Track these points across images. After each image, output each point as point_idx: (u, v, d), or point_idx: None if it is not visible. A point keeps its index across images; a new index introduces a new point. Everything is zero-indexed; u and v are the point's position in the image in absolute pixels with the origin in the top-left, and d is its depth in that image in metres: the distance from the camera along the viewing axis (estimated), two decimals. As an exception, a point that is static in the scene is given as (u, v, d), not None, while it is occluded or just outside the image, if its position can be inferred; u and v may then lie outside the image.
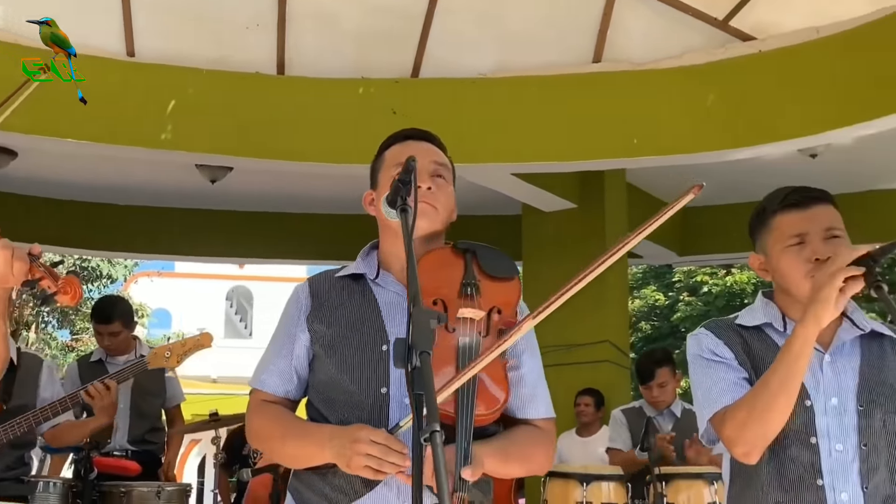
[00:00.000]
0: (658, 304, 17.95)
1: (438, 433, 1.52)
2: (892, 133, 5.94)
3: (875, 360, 2.11)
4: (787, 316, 2.15)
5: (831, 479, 2.03)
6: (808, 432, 2.05)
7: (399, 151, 2.10)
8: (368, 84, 6.28)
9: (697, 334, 2.21)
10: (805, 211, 2.11)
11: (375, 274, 2.10)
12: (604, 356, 7.40)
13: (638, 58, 6.19)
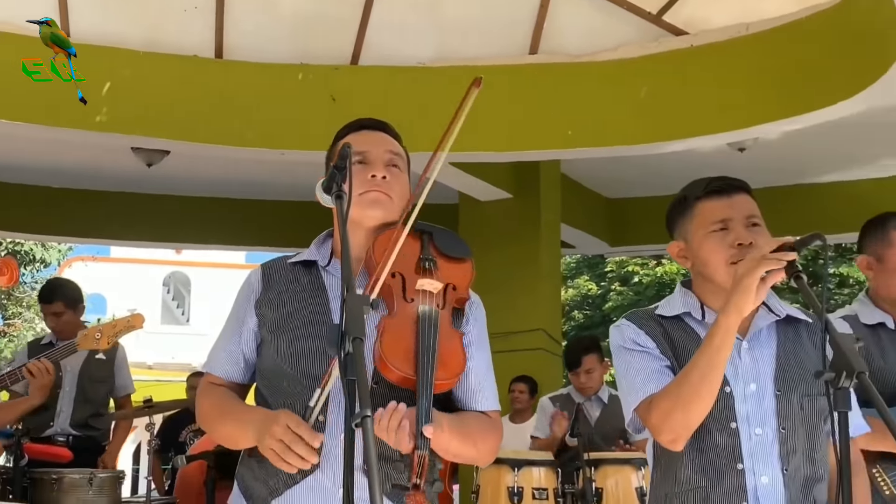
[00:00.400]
0: (590, 293, 18.14)
1: (369, 418, 1.51)
2: (817, 129, 6.06)
3: (791, 345, 2.13)
4: (705, 305, 2.16)
5: (751, 463, 2.04)
6: (729, 417, 2.06)
7: (352, 141, 2.06)
8: (307, 70, 6.21)
9: (619, 325, 2.22)
10: (728, 198, 2.12)
11: (327, 261, 2.09)
12: (537, 344, 7.45)
13: (574, 50, 6.21)
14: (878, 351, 2.64)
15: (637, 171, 7.88)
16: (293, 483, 1.94)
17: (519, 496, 4.92)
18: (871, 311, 2.70)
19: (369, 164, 2.06)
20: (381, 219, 2.04)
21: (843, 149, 7.51)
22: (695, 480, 2.07)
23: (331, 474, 1.92)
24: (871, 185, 8.21)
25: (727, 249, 2.07)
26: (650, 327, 2.16)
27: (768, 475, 2.04)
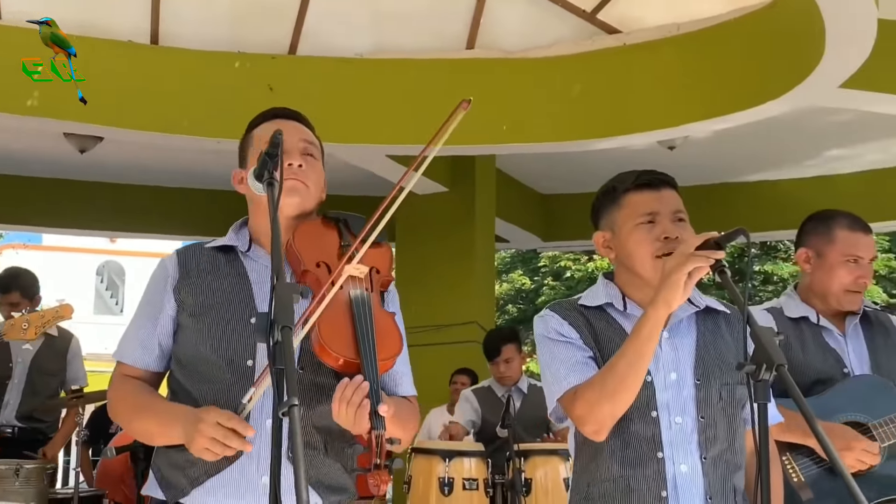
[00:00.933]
0: (524, 287, 18.25)
1: (296, 407, 1.48)
2: (744, 128, 6.18)
3: (710, 336, 2.14)
4: (626, 296, 2.17)
5: (671, 452, 2.05)
6: (649, 406, 2.06)
7: (268, 130, 2.03)
8: (245, 59, 6.11)
9: (544, 315, 2.21)
10: (657, 192, 2.13)
11: (247, 247, 2.06)
12: (471, 336, 7.46)
13: (510, 46, 6.22)
14: (799, 344, 2.67)
15: (570, 167, 7.93)
16: (215, 472, 1.90)
17: (450, 486, 4.92)
18: (796, 304, 2.74)
19: (285, 152, 2.00)
20: (299, 206, 2.01)
21: (768, 149, 7.66)
22: (616, 469, 2.07)
23: (255, 462, 1.89)
24: (794, 185, 8.40)
25: (653, 242, 2.07)
26: (573, 318, 2.16)
27: (687, 463, 2.04)
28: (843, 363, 2.64)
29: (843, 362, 2.64)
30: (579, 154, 6.65)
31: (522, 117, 6.14)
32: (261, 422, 1.90)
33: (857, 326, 2.72)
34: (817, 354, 2.65)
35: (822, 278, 2.71)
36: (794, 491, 2.55)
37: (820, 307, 2.71)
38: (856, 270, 2.67)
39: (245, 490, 1.90)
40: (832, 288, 2.68)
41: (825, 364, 2.64)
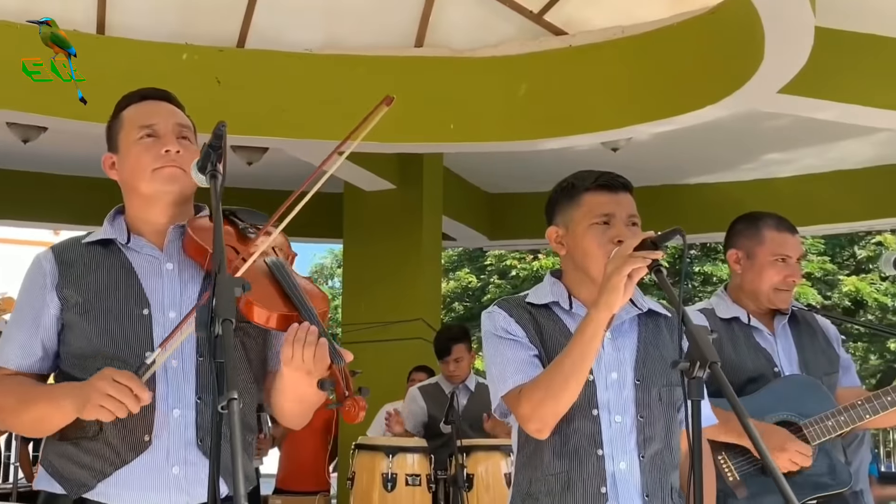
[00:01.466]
0: (471, 285, 18.29)
1: (235, 401, 1.47)
2: (685, 132, 6.25)
3: (651, 337, 2.17)
4: (573, 295, 2.18)
5: (611, 449, 2.07)
6: (591, 405, 2.09)
7: (138, 112, 2.00)
8: (192, 51, 6.01)
9: (491, 312, 2.21)
10: (615, 195, 2.14)
11: (126, 238, 1.99)
12: (417, 334, 7.45)
13: (458, 45, 6.21)
14: (731, 344, 2.71)
15: (516, 167, 7.96)
16: (122, 464, 1.85)
17: (393, 482, 4.91)
18: (727, 305, 2.78)
19: (160, 137, 1.97)
20: (179, 193, 1.96)
21: (708, 152, 7.77)
22: (556, 465, 2.09)
23: (164, 452, 1.85)
24: (733, 188, 8.53)
25: (606, 244, 2.08)
26: (520, 315, 2.16)
27: (626, 461, 2.07)
28: (774, 362, 2.69)
29: (774, 361, 2.69)
30: (525, 154, 6.67)
31: (469, 116, 6.14)
32: (167, 412, 1.85)
33: (786, 326, 2.77)
34: (749, 354, 2.69)
35: (752, 278, 2.75)
36: (730, 490, 2.60)
37: (751, 307, 2.76)
38: (784, 270, 2.72)
39: (155, 482, 1.85)
40: (762, 287, 2.73)
41: (757, 363, 2.68)
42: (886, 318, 15.80)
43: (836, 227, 9.09)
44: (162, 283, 1.94)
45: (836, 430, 2.59)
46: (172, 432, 1.86)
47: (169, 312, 1.92)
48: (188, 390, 1.88)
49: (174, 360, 1.88)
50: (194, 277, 1.96)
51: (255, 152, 6.78)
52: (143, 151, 1.95)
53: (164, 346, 1.84)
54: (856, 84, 5.52)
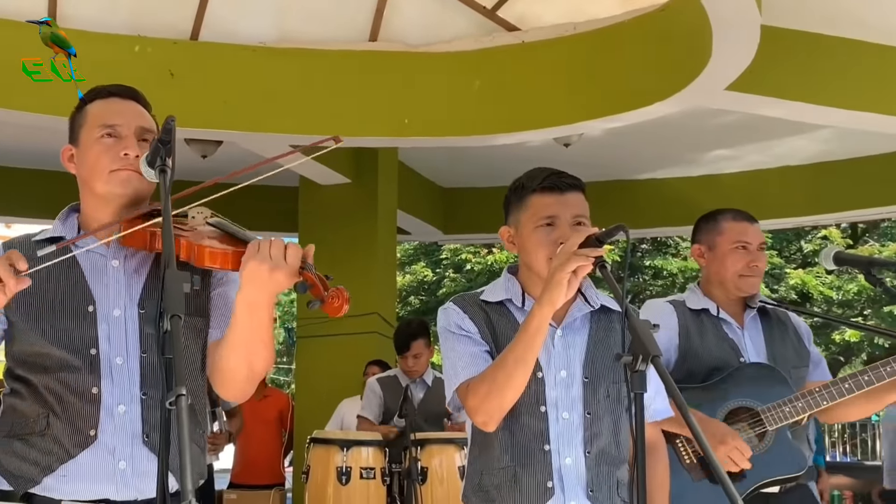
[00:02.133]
0: (426, 279, 18.29)
1: (184, 397, 1.45)
2: (635, 128, 6.31)
3: (602, 335, 2.20)
4: (526, 293, 2.20)
5: (557, 445, 2.11)
6: (539, 401, 2.12)
7: (103, 109, 1.95)
8: (146, 43, 5.92)
9: (446, 308, 2.23)
10: (560, 195, 2.15)
11: (75, 235, 1.96)
12: (372, 327, 7.45)
13: (412, 40, 6.20)
14: (699, 334, 2.77)
15: (470, 161, 7.98)
16: (67, 458, 1.84)
17: (347, 476, 4.91)
18: (698, 298, 2.84)
19: (122, 138, 1.93)
20: (132, 196, 1.93)
21: (658, 148, 7.85)
22: (505, 459, 2.12)
23: (110, 447, 1.84)
24: (682, 184, 8.63)
25: (550, 245, 2.10)
26: (474, 312, 2.19)
27: (572, 456, 2.11)
28: (740, 352, 2.75)
29: (740, 352, 2.75)
30: (479, 149, 6.69)
31: (424, 111, 6.13)
32: (112, 408, 1.85)
33: (756, 319, 2.84)
34: (715, 343, 2.76)
35: (717, 269, 2.83)
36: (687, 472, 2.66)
37: (721, 299, 2.83)
38: (746, 256, 2.79)
39: (101, 476, 1.84)
40: (727, 275, 2.80)
41: (722, 353, 2.74)
42: (832, 310, 16.11)
43: (782, 222, 9.24)
44: (107, 280, 1.92)
45: (793, 416, 2.65)
46: (118, 428, 1.85)
47: (114, 310, 1.90)
48: (133, 386, 1.87)
49: (118, 358, 1.87)
50: (140, 272, 1.94)
51: (210, 145, 6.71)
52: (103, 151, 1.92)
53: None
54: (800, 82, 5.61)
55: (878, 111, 5.80)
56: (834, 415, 2.82)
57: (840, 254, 2.78)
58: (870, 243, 16.47)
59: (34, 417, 1.85)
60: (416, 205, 8.64)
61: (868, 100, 5.75)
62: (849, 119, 5.99)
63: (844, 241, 15.75)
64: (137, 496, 1.85)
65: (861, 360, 15.69)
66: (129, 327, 1.89)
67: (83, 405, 1.84)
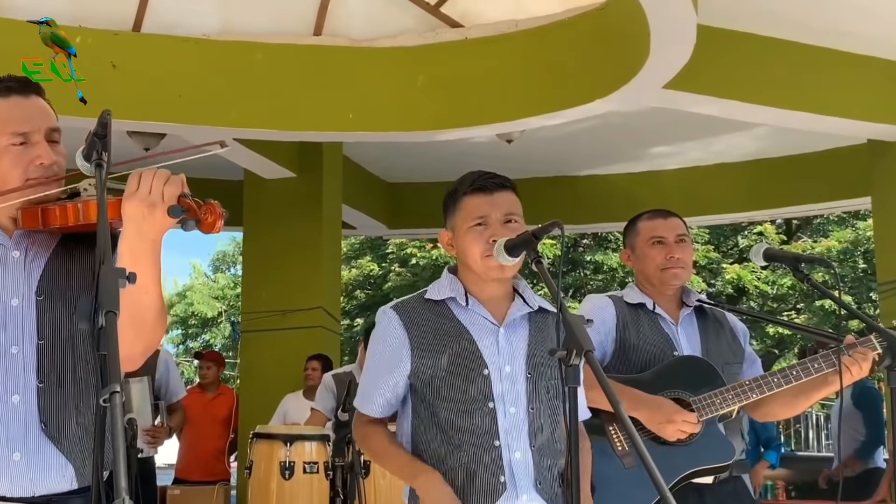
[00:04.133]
0: (372, 273, 18.24)
1: (118, 394, 1.42)
2: (576, 124, 6.37)
3: (540, 334, 2.25)
4: (469, 292, 2.25)
5: (507, 440, 2.16)
6: (486, 398, 2.17)
7: (7, 113, 1.85)
8: (86, 34, 5.80)
9: (384, 312, 2.29)
10: (490, 196, 2.21)
11: None
12: (317, 322, 7.41)
13: (356, 34, 6.17)
14: (635, 328, 2.82)
15: (414, 156, 7.97)
16: None
17: (290, 470, 4.89)
18: (635, 293, 2.90)
19: (34, 145, 1.85)
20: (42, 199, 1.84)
21: (600, 145, 7.92)
22: (457, 458, 2.16)
23: (3, 437, 1.77)
24: (624, 179, 8.72)
25: (483, 244, 2.17)
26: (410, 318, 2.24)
27: (520, 451, 2.16)
28: (674, 346, 2.80)
29: (674, 346, 2.81)
30: (423, 144, 6.68)
31: (368, 106, 6.11)
32: (6, 398, 1.79)
33: (692, 316, 2.90)
34: (650, 337, 2.81)
35: (641, 267, 2.90)
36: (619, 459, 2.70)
37: (655, 297, 2.88)
38: (663, 249, 2.85)
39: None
40: (649, 271, 2.87)
41: (657, 346, 2.80)
42: (766, 304, 16.45)
43: (719, 217, 9.39)
44: (6, 270, 1.86)
45: (723, 408, 2.70)
46: (12, 418, 1.79)
47: (11, 299, 1.84)
48: (29, 376, 1.81)
49: (14, 348, 1.81)
50: (39, 260, 1.88)
51: (152, 138, 6.61)
52: (16, 160, 1.83)
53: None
54: (735, 81, 5.71)
55: (808, 110, 5.95)
56: (764, 412, 2.88)
57: (769, 250, 2.85)
58: (803, 239, 16.84)
59: None
60: (361, 199, 8.61)
61: (798, 99, 5.89)
62: (781, 117, 6.12)
63: (779, 237, 16.07)
64: (34, 491, 1.78)
65: (794, 354, 16.05)
66: (25, 315, 1.83)
67: None
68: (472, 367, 2.17)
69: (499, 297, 2.25)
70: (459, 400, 2.16)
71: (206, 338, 23.92)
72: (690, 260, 2.92)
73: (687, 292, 2.92)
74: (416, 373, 2.20)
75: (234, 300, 22.11)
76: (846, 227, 16.01)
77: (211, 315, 23.63)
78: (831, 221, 16.41)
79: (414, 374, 2.21)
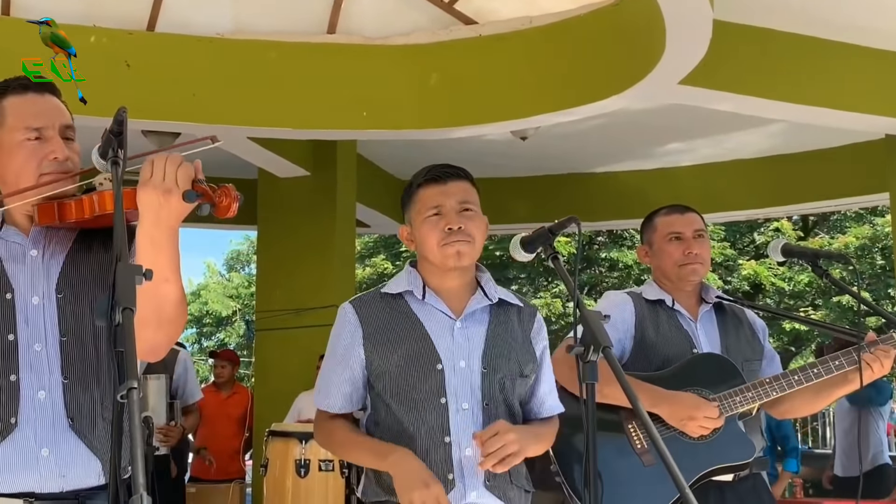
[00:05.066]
0: (386, 272, 18.28)
1: (136, 391, 1.43)
2: (590, 121, 6.35)
3: (500, 328, 2.24)
4: (427, 285, 2.24)
5: (457, 436, 2.13)
6: (439, 393, 2.15)
7: (22, 108, 1.89)
8: (101, 33, 5.82)
9: (343, 308, 2.29)
10: (444, 185, 2.22)
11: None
12: (331, 320, 7.37)
13: (370, 32, 6.16)
14: (654, 325, 2.81)
15: (428, 154, 7.89)
16: None
17: (306, 468, 4.90)
18: (653, 290, 2.89)
19: (48, 140, 1.89)
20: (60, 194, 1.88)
21: (614, 142, 7.89)
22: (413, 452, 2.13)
23: (31, 433, 1.80)
24: (638, 177, 8.69)
25: (439, 233, 2.17)
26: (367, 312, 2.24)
27: (471, 447, 2.12)
28: (694, 344, 2.79)
29: (694, 343, 2.79)
30: (437, 142, 6.67)
31: (381, 104, 6.10)
32: (32, 395, 1.82)
33: (711, 313, 2.88)
34: (669, 334, 2.79)
35: (658, 264, 2.89)
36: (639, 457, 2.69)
37: (674, 293, 2.87)
38: (680, 245, 2.84)
39: (23, 464, 1.80)
40: (667, 267, 2.86)
41: (676, 343, 2.78)
42: (783, 301, 16.36)
43: (734, 214, 9.35)
44: (25, 268, 1.89)
45: (744, 406, 2.68)
46: (39, 414, 1.82)
47: (32, 297, 1.87)
48: (53, 372, 1.84)
49: (37, 345, 1.84)
50: (57, 257, 1.91)
51: (167, 137, 6.63)
52: (30, 155, 1.87)
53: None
54: (752, 76, 5.67)
55: (825, 105, 5.90)
56: (783, 409, 2.87)
57: (787, 246, 2.83)
58: (820, 235, 16.75)
59: None
60: (375, 197, 8.61)
61: (817, 95, 5.84)
62: (798, 113, 6.08)
63: (795, 233, 15.99)
64: (62, 486, 1.81)
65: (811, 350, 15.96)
66: (46, 313, 1.86)
67: (3, 393, 1.81)
68: (426, 362, 2.16)
69: (458, 289, 2.23)
70: (412, 394, 2.15)
71: (221, 337, 24.02)
72: (708, 256, 2.91)
73: (706, 288, 2.91)
74: (370, 366, 2.20)
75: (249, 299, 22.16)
76: (863, 223, 15.91)
77: (225, 314, 23.72)
78: (848, 218, 16.31)
79: (368, 367, 2.20)
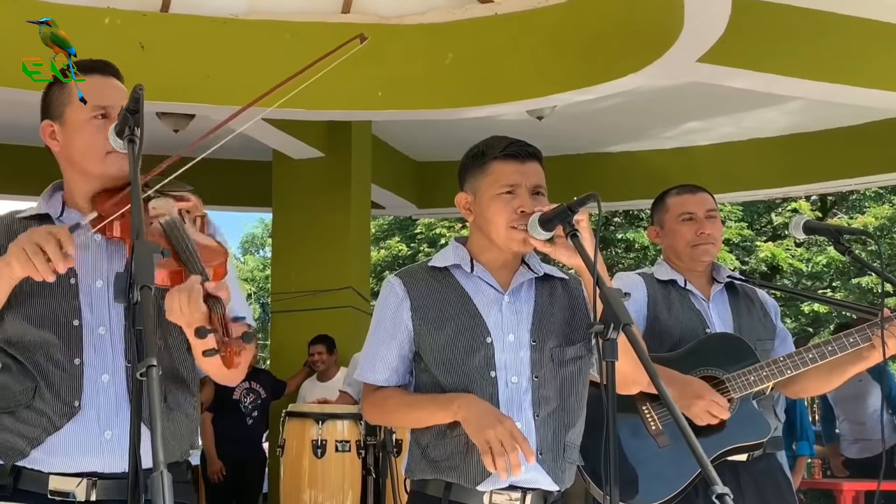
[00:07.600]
0: (401, 254, 18.29)
1: (155, 367, 1.44)
2: (608, 100, 6.30)
3: (547, 301, 2.21)
4: (475, 259, 2.21)
5: (507, 410, 2.10)
6: (489, 367, 2.13)
7: (88, 88, 1.93)
8: (115, 15, 5.82)
9: (390, 282, 2.25)
10: (521, 164, 2.16)
11: (60, 212, 1.98)
12: (346, 302, 7.44)
13: (385, 12, 6.13)
14: (666, 304, 2.81)
15: (443, 135, 7.93)
16: (54, 430, 1.86)
17: (322, 449, 4.93)
18: (665, 270, 2.88)
19: (113, 119, 1.92)
20: (123, 178, 1.92)
21: (631, 121, 7.84)
22: (457, 428, 2.09)
23: (94, 417, 1.86)
24: (655, 156, 8.63)
25: (510, 214, 2.12)
26: (415, 284, 2.21)
27: (522, 421, 2.10)
28: (706, 323, 2.79)
29: (706, 323, 2.79)
30: (452, 122, 6.65)
31: (397, 84, 6.08)
32: (96, 378, 1.87)
33: (723, 293, 2.87)
34: (682, 314, 2.79)
35: (670, 244, 2.88)
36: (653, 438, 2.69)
37: (686, 273, 2.86)
38: (693, 226, 2.83)
39: (87, 447, 1.86)
40: (679, 248, 2.85)
41: (689, 324, 2.78)
42: (801, 282, 16.28)
43: (752, 193, 9.28)
44: (89, 253, 1.94)
45: (758, 385, 2.68)
46: (102, 397, 1.87)
47: (96, 281, 1.93)
48: (117, 356, 1.89)
49: (101, 328, 1.89)
50: (121, 247, 1.95)
51: (182, 119, 6.64)
52: (97, 132, 1.93)
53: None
54: (771, 53, 5.61)
55: (847, 83, 5.83)
56: (797, 388, 2.86)
57: (809, 223, 2.81)
58: (839, 215, 16.63)
59: (21, 391, 1.88)
60: (390, 179, 8.61)
61: (837, 71, 5.78)
62: (819, 91, 6.01)
63: (814, 213, 15.88)
64: (125, 467, 1.83)
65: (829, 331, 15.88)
66: (111, 297, 1.88)
67: (67, 376, 1.87)
68: (475, 335, 2.14)
69: (505, 263, 2.21)
70: (461, 368, 2.13)
71: (236, 319, 24.11)
72: (720, 235, 2.91)
73: (717, 268, 2.90)
74: (418, 338, 2.18)
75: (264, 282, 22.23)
76: (883, 202, 15.79)
77: (241, 297, 23.81)
78: (867, 197, 16.18)
79: (416, 340, 2.18)
